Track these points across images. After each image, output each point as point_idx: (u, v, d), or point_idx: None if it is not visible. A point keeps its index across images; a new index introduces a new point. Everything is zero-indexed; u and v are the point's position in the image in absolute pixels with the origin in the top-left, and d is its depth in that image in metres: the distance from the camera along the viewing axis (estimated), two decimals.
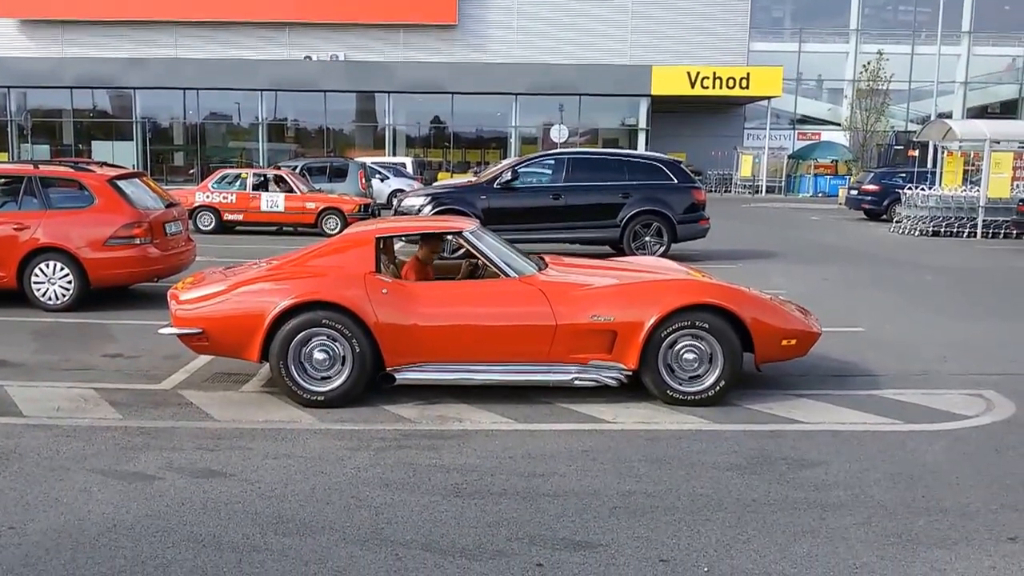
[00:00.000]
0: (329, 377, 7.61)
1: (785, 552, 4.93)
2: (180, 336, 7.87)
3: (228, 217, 24.05)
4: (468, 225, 8.53)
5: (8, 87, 48.31)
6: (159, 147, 51.79)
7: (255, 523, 5.21)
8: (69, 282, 11.74)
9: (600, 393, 7.87)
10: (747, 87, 48.45)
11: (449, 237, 9.19)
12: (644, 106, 49.48)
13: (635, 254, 16.72)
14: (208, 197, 24.10)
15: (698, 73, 48.11)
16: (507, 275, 7.93)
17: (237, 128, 52.18)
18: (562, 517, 5.36)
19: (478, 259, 8.39)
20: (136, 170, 13.99)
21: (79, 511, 5.35)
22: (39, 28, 51.79)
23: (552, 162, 18.89)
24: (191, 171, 48.85)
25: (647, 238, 18.01)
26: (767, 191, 51.76)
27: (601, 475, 6.09)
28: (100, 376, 8.61)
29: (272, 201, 23.75)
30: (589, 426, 7.20)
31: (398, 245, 13.91)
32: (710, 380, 7.68)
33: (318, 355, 7.55)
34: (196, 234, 19.99)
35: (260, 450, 6.51)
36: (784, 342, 7.91)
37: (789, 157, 54.44)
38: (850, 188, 36.06)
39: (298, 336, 7.51)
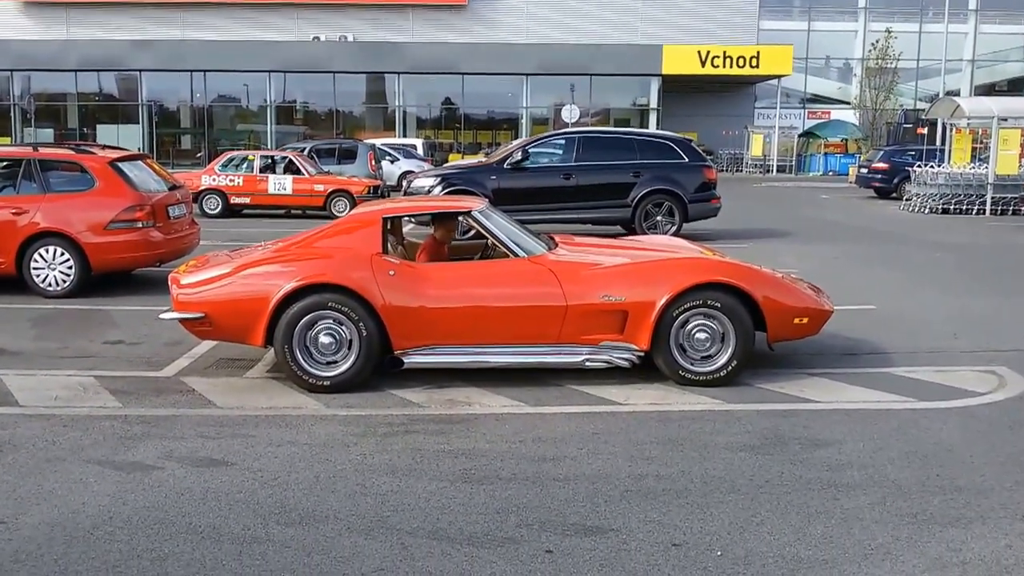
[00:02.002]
0: (335, 361, 7.47)
1: (799, 534, 4.84)
2: (182, 321, 7.73)
3: (235, 200, 23.87)
4: (476, 204, 8.38)
5: (11, 70, 48.16)
6: (166, 130, 51.75)
7: (256, 513, 5.09)
8: (70, 267, 11.53)
9: (611, 374, 7.75)
10: (757, 66, 48.26)
11: (460, 218, 8.98)
12: (655, 85, 49.39)
13: (646, 234, 16.55)
14: (214, 180, 23.91)
15: (708, 52, 47.95)
16: (516, 255, 7.79)
17: (245, 111, 52.11)
18: (572, 502, 5.26)
19: (487, 239, 8.26)
20: (138, 152, 13.75)
21: (74, 503, 5.22)
22: (42, 9, 51.41)
23: (563, 142, 18.71)
24: (199, 155, 48.74)
25: (658, 218, 17.85)
26: (778, 170, 51.62)
27: (612, 458, 5.99)
28: (100, 363, 8.48)
29: (280, 184, 23.57)
30: (600, 408, 7.10)
31: (408, 227, 13.78)
32: (722, 360, 7.57)
33: (324, 339, 7.41)
34: (203, 218, 19.93)
35: (263, 437, 6.39)
36: (796, 320, 7.81)
37: (799, 136, 54.23)
38: (860, 166, 35.96)
39: (303, 320, 7.37)
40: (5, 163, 12.10)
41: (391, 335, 7.42)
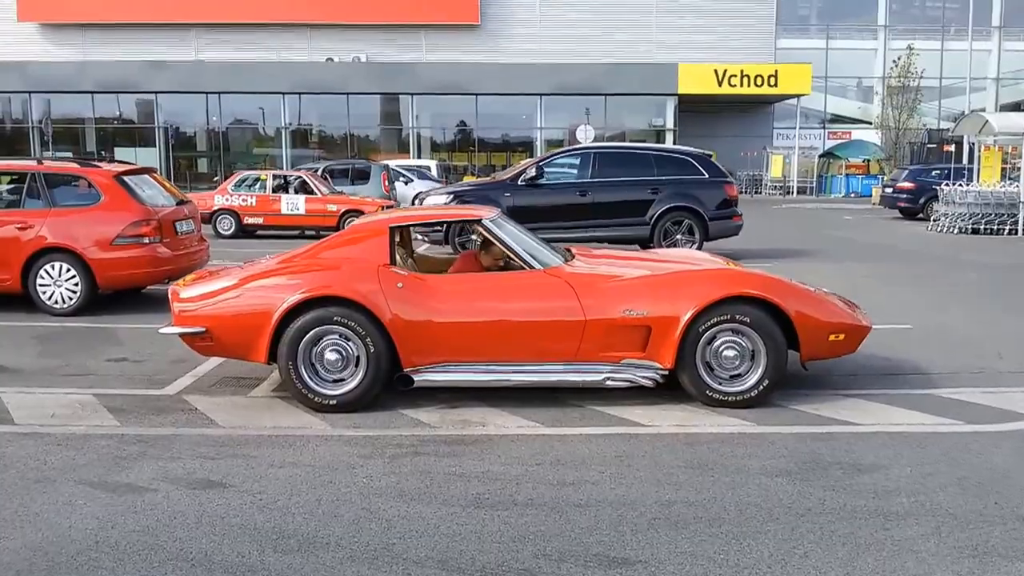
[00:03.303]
0: (342, 379, 7.14)
1: (848, 567, 4.46)
2: (182, 336, 7.41)
3: (248, 220, 23.80)
4: (487, 213, 8.01)
5: (29, 92, 48.33)
6: (183, 154, 51.85)
7: (253, 539, 4.76)
8: (76, 284, 11.31)
9: (634, 394, 7.40)
10: (775, 84, 47.96)
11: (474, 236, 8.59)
12: (671, 105, 49.12)
13: None
14: (227, 200, 23.84)
15: (725, 71, 47.68)
16: (531, 267, 7.43)
17: (261, 135, 52.12)
18: (595, 530, 4.91)
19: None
20: (145, 166, 13.53)
21: (59, 527, 4.92)
22: (60, 32, 51.64)
23: (578, 159, 18.41)
24: (215, 178, 48.67)
25: (678, 235, 17.50)
26: (798, 192, 51.31)
27: (637, 483, 5.63)
28: (101, 381, 8.21)
29: (293, 204, 23.47)
30: (623, 430, 6.74)
31: (423, 248, 13.46)
32: (753, 379, 7.17)
33: (330, 355, 7.09)
34: (216, 238, 19.70)
35: (265, 458, 6.07)
36: (832, 337, 7.40)
37: (820, 156, 53.92)
38: (885, 186, 35.64)
39: (308, 335, 7.04)
40: (10, 177, 11.85)
41: (400, 351, 7.08)
